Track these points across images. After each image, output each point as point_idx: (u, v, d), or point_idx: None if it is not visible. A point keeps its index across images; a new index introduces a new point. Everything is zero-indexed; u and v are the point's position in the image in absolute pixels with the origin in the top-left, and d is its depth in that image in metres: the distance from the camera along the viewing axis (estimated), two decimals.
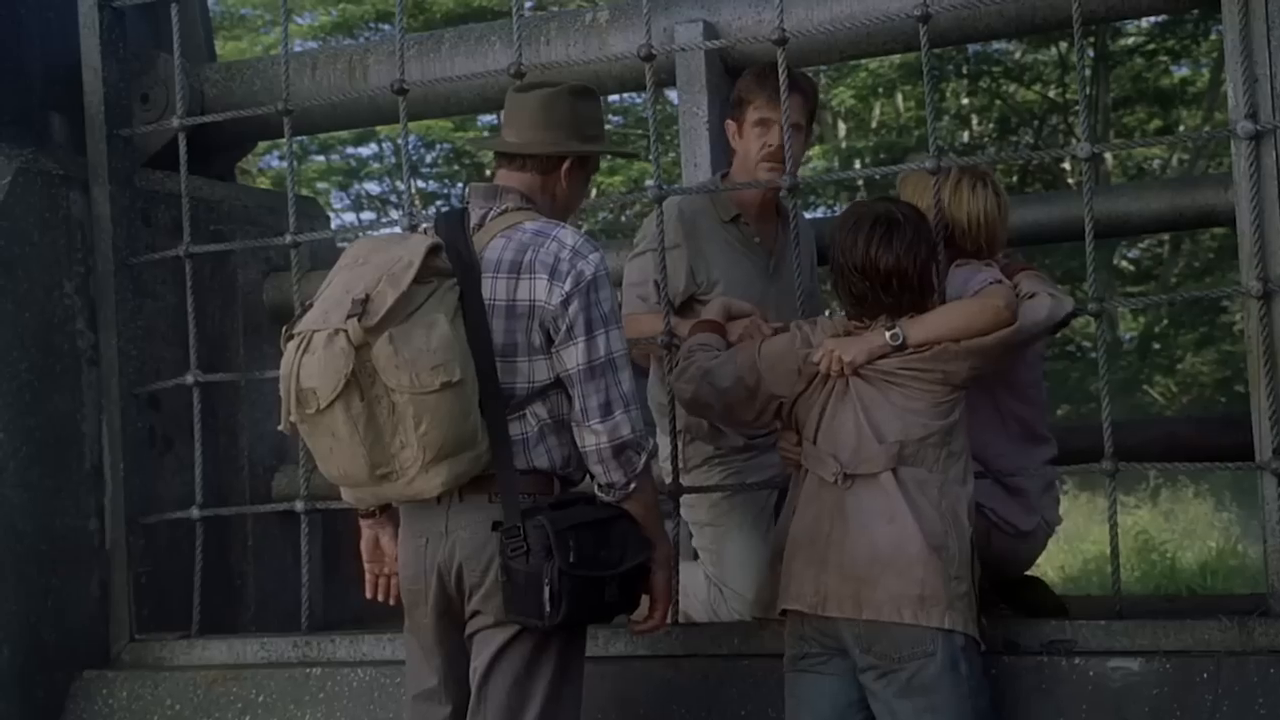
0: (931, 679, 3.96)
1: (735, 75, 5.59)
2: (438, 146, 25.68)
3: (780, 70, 4.91)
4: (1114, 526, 4.71)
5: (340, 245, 7.01)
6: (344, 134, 27.06)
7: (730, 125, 5.25)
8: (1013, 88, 23.69)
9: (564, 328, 3.90)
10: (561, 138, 4.14)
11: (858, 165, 22.34)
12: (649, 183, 5.09)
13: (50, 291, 5.74)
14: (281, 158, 28.15)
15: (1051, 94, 23.26)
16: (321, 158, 28.08)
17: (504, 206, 4.08)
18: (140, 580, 5.85)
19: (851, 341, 4.15)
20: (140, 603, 5.83)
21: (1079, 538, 14.94)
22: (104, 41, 5.93)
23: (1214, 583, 12.90)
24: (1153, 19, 20.50)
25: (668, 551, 4.12)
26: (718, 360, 4.37)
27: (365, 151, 27.03)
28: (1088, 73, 20.60)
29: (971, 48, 21.76)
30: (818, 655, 4.12)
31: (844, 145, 23.98)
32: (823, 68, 22.43)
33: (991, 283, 4.28)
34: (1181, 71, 22.74)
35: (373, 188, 27.72)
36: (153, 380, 5.97)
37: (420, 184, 26.61)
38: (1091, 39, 20.16)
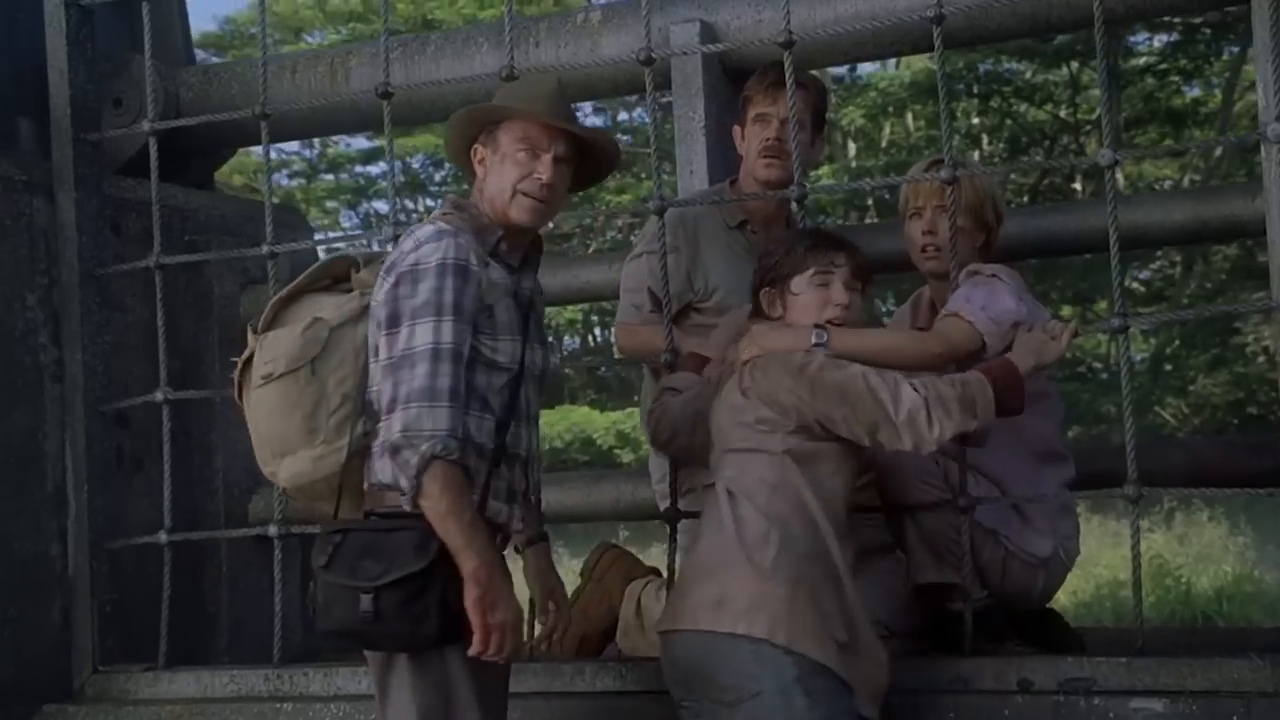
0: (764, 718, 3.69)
1: (734, 77, 5.44)
2: (446, 166, 25.62)
3: (787, 73, 4.67)
4: (1136, 556, 4.42)
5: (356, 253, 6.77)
6: (352, 152, 27.12)
7: (735, 130, 5.08)
8: (1023, 107, 23.57)
9: (374, 325, 3.77)
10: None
11: (865, 183, 22.18)
12: (647, 199, 4.82)
13: (11, 303, 5.53)
14: (290, 175, 28.54)
15: (1062, 114, 23.13)
16: (330, 176, 28.15)
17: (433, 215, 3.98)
18: (105, 608, 5.63)
19: (775, 333, 4.05)
20: (104, 632, 5.61)
21: (1091, 562, 14.68)
22: (71, 41, 5.71)
23: (1231, 609, 12.74)
24: (1166, 37, 20.41)
25: (474, 567, 3.60)
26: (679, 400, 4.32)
27: (374, 170, 27.13)
28: (1101, 73, 20.43)
29: (982, 66, 21.74)
30: (684, 703, 3.89)
31: (854, 164, 23.88)
32: (833, 87, 22.38)
33: (959, 314, 4.24)
34: (1193, 92, 22.59)
35: (382, 206, 27.77)
36: (122, 397, 5.73)
37: (429, 202, 26.58)
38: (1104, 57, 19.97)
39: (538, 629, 4.32)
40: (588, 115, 25.26)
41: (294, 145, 27.88)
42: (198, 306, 6.16)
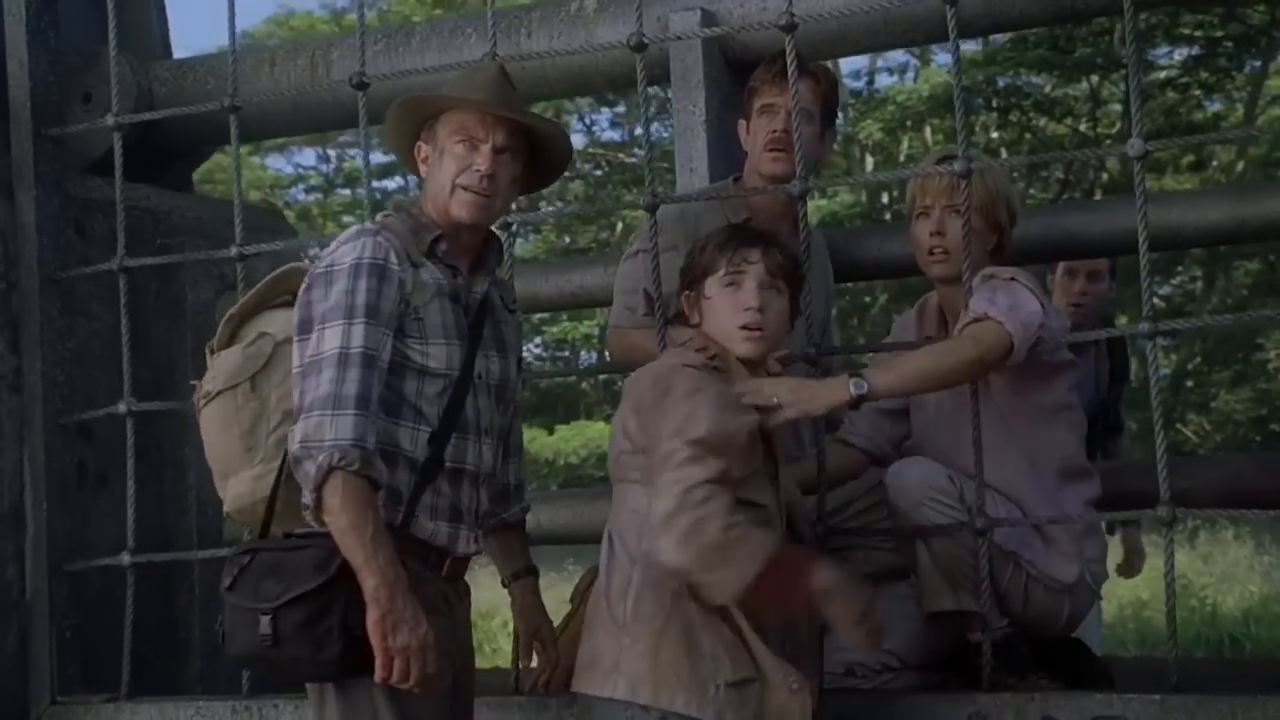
0: None
1: (736, 69, 5.16)
2: None
3: (789, 58, 4.38)
4: (1171, 584, 4.09)
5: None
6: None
7: (741, 124, 4.77)
8: (1043, 121, 23.34)
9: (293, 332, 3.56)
10: None
11: (885, 199, 22.02)
12: (642, 197, 4.50)
13: None
14: (306, 190, 28.45)
15: (1082, 128, 22.91)
16: (347, 191, 28.25)
17: None
18: (64, 635, 5.37)
19: (809, 389, 3.74)
20: (64, 660, 5.35)
21: (1113, 581, 14.35)
22: (31, 30, 5.46)
23: (1259, 631, 12.60)
24: (1187, 50, 20.16)
25: (374, 585, 3.34)
26: None
27: (391, 184, 27.27)
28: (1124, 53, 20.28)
29: (1001, 80, 21.56)
30: None
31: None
32: (850, 100, 22.18)
33: (989, 315, 3.95)
34: (1214, 106, 22.35)
35: None
36: (86, 409, 5.45)
37: None
38: (1122, 70, 19.86)
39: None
40: (604, 130, 25.11)
41: (310, 159, 27.92)
42: (170, 313, 5.88)
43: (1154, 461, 4.05)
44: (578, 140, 24.83)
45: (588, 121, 25.86)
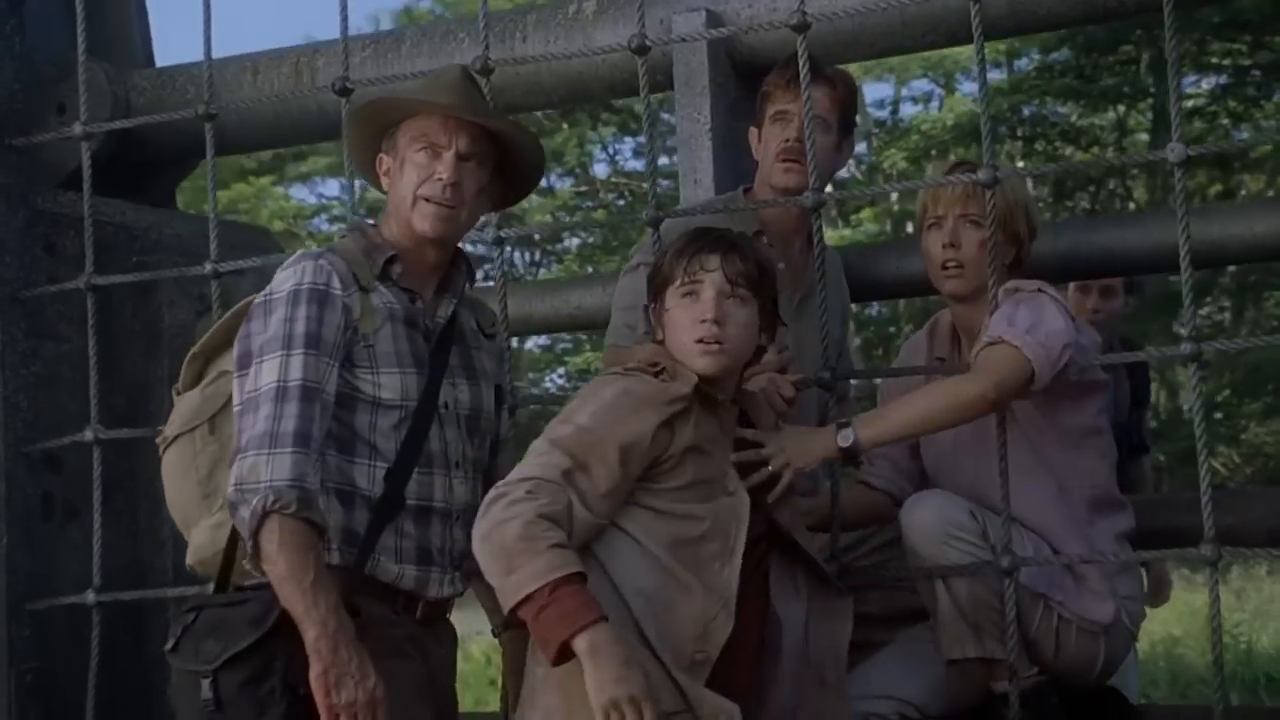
0: None
1: (744, 75, 4.92)
2: None
3: (800, 60, 4.13)
4: (1217, 630, 3.81)
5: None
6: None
7: (752, 133, 4.50)
8: (1069, 150, 23.20)
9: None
10: None
11: (910, 229, 21.84)
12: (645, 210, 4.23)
13: None
14: (330, 220, 28.41)
15: (1109, 156, 22.80)
16: (370, 221, 28.25)
17: None
18: (25, 678, 5.10)
19: (799, 443, 3.54)
20: (24, 706, 5.08)
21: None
22: None
23: None
24: (1215, 79, 20.00)
25: (314, 637, 3.09)
26: None
27: None
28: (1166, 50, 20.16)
29: (1026, 109, 21.43)
30: None
31: (895, 208, 23.55)
32: (874, 130, 22.01)
33: (1003, 339, 3.71)
34: (1242, 135, 22.16)
35: None
36: (53, 437, 5.16)
37: None
38: (1150, 98, 19.69)
39: None
40: (627, 159, 24.88)
41: (334, 189, 27.87)
42: (147, 336, 5.58)
43: (1186, 494, 3.75)
44: (600, 170, 24.62)
45: (610, 151, 25.68)
